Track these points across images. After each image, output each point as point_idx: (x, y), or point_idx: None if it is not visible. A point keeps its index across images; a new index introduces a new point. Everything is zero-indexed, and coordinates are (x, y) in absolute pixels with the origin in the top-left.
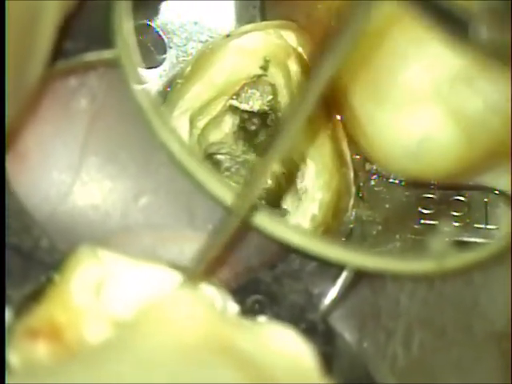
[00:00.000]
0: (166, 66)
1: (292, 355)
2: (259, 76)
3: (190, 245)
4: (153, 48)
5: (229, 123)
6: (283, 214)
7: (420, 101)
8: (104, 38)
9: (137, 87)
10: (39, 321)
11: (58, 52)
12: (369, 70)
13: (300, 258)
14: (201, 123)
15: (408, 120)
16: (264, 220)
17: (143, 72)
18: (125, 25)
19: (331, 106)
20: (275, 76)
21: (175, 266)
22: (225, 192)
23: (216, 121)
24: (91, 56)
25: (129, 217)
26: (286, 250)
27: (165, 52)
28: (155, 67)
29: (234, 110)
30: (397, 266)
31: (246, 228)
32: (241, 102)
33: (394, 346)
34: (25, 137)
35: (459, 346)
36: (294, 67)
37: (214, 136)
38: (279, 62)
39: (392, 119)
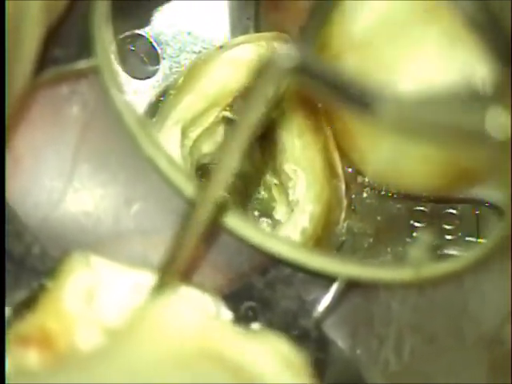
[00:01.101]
0: (158, 76)
1: (284, 362)
2: None
3: None
4: (146, 59)
5: (222, 134)
6: (275, 224)
7: None
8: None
9: (120, 102)
10: (30, 328)
11: (49, 59)
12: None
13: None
14: (193, 134)
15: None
16: (252, 231)
17: (136, 83)
18: (104, 34)
19: (323, 118)
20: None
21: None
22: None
23: (209, 132)
24: (82, 63)
25: (120, 223)
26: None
27: (158, 63)
28: (148, 78)
29: (227, 121)
30: (375, 275)
31: (235, 235)
32: (234, 114)
33: (386, 352)
34: (16, 144)
35: (450, 351)
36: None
37: (207, 147)
38: None
39: (378, 131)
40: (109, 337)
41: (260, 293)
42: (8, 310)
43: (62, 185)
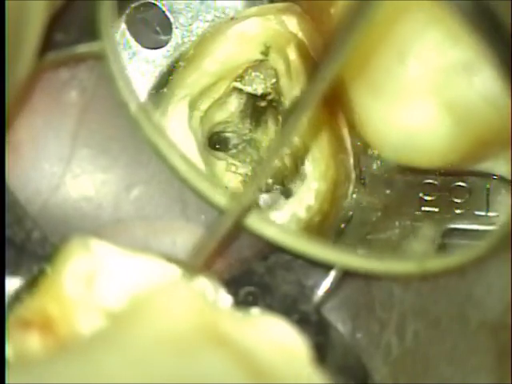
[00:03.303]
0: (170, 46)
1: (285, 346)
2: (261, 60)
3: (182, 236)
4: (158, 28)
5: (234, 103)
6: (288, 192)
7: (415, 92)
8: (95, 29)
9: (124, 87)
10: (31, 312)
11: (49, 44)
12: (367, 61)
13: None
14: (204, 105)
15: (403, 110)
16: (252, 219)
17: (147, 53)
18: (110, 19)
19: (330, 96)
20: (276, 61)
21: (167, 257)
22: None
23: (220, 102)
24: (82, 48)
25: (121, 208)
26: None
27: (170, 32)
28: (160, 47)
29: (238, 91)
30: (380, 267)
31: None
32: (244, 85)
33: (388, 337)
34: (16, 129)
35: (453, 336)
36: (292, 55)
37: (220, 116)
38: (279, 48)
39: (387, 110)
40: (109, 321)
41: (260, 278)
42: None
43: (62, 170)
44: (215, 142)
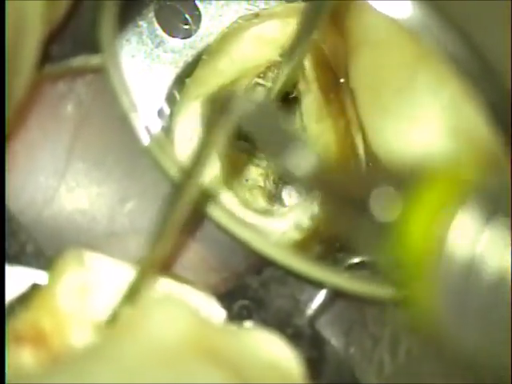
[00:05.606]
0: (198, 36)
1: (277, 361)
2: (281, 61)
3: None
4: (188, 17)
5: (260, 96)
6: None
7: (422, 115)
8: (91, 42)
9: (125, 101)
10: (24, 325)
11: (46, 56)
12: (379, 82)
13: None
14: None
15: (410, 131)
16: (244, 232)
17: (174, 42)
18: (111, 33)
19: (347, 100)
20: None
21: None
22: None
23: (246, 94)
24: (78, 61)
25: (115, 221)
26: None
27: (199, 22)
28: (187, 38)
29: (262, 86)
30: (370, 291)
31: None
32: (267, 82)
33: (381, 353)
34: (12, 141)
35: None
36: (306, 62)
37: None
38: None
39: (394, 130)
40: (102, 335)
41: (254, 292)
42: None
43: (57, 183)
44: (240, 133)
